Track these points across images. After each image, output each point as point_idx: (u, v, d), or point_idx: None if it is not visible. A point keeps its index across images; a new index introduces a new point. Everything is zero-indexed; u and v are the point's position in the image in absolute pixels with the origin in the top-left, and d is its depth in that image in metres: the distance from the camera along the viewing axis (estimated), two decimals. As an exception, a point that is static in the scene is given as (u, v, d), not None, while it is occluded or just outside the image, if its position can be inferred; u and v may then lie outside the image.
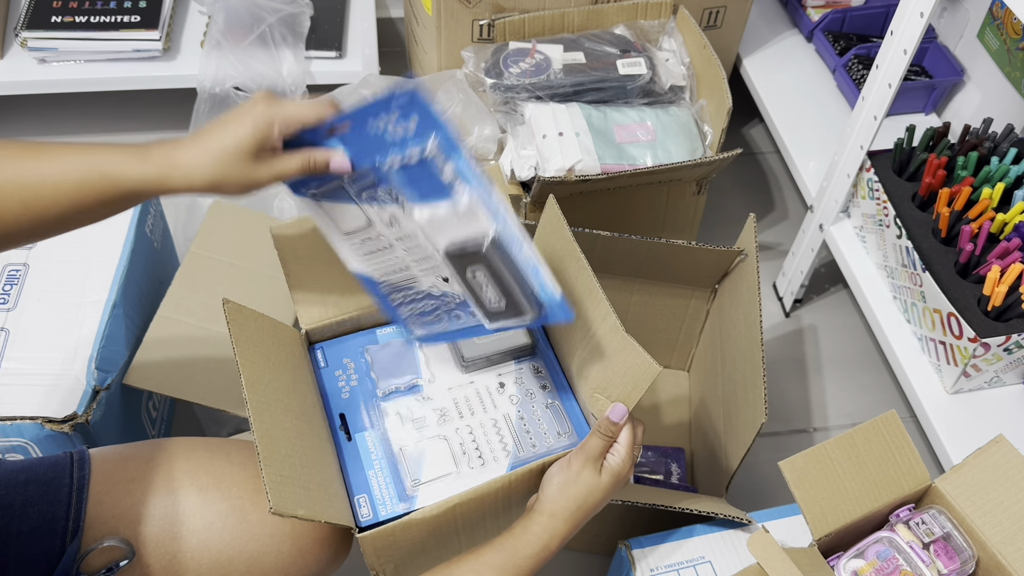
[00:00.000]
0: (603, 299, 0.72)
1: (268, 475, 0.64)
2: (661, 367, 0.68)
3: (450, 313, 0.72)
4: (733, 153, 1.12)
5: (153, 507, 0.70)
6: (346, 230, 0.73)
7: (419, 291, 0.73)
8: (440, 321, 0.72)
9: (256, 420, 0.67)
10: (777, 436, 1.27)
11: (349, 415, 0.79)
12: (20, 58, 1.38)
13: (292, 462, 0.68)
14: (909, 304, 1.11)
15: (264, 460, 0.65)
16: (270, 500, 0.62)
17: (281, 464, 0.67)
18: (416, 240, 0.70)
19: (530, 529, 0.69)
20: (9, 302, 0.97)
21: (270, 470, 0.65)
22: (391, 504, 0.73)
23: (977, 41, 1.33)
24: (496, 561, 0.67)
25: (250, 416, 0.67)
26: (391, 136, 0.65)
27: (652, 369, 0.68)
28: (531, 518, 0.70)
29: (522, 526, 0.69)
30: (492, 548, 0.68)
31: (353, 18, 1.48)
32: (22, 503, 0.68)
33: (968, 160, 1.12)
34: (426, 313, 0.73)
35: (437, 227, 0.67)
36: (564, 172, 1.13)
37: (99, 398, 0.92)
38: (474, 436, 0.78)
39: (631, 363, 0.70)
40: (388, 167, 0.66)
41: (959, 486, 0.77)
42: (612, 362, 0.72)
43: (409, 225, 0.69)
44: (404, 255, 0.71)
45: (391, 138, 0.65)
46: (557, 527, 0.69)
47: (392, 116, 0.64)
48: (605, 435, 0.71)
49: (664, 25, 1.30)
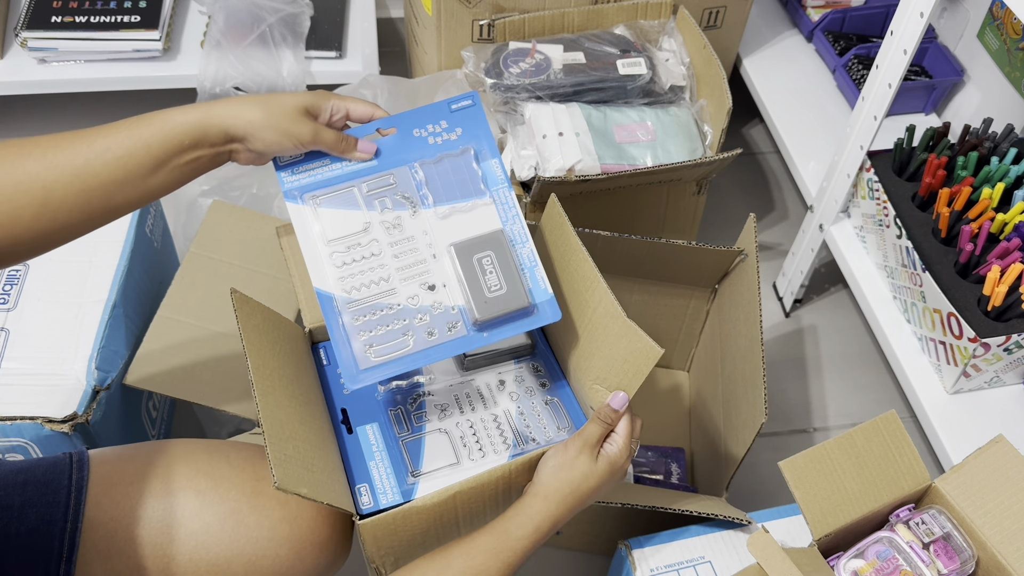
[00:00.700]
0: (605, 289, 0.72)
1: (273, 453, 0.64)
2: (662, 349, 0.68)
3: (422, 330, 0.72)
4: (733, 153, 1.12)
5: (151, 509, 0.70)
6: (332, 236, 0.73)
7: (390, 306, 0.72)
8: (404, 345, 0.71)
9: (262, 400, 0.68)
10: (777, 436, 1.27)
11: (351, 410, 0.79)
12: (20, 58, 1.38)
13: (296, 444, 0.68)
14: (909, 304, 1.11)
15: (269, 439, 0.65)
16: (275, 475, 0.63)
17: (286, 444, 0.67)
18: (414, 243, 0.73)
19: (522, 511, 0.69)
20: (9, 302, 0.97)
21: (275, 448, 0.65)
22: (392, 493, 0.73)
23: (977, 41, 1.33)
24: (488, 543, 0.67)
25: (256, 396, 0.67)
26: (434, 140, 0.75)
27: (654, 352, 0.68)
28: (524, 500, 0.70)
29: (515, 509, 0.70)
30: (485, 531, 0.68)
31: (353, 18, 1.48)
32: (20, 504, 0.68)
33: (968, 160, 1.12)
34: (391, 335, 0.71)
35: (451, 225, 0.74)
36: (564, 172, 1.13)
37: (99, 398, 0.92)
38: (475, 430, 0.78)
39: (632, 348, 0.70)
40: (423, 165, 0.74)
41: (959, 486, 0.77)
42: (613, 349, 0.72)
43: (412, 228, 0.74)
44: (390, 262, 0.73)
45: (433, 141, 0.75)
46: (550, 509, 0.69)
47: (440, 124, 0.75)
48: (604, 422, 0.71)
49: (664, 25, 1.30)
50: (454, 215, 0.74)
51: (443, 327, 0.72)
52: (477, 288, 0.72)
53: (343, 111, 0.73)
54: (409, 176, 0.74)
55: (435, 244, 0.74)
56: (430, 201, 0.74)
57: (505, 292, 0.72)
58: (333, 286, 0.72)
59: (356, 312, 0.72)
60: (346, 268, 0.73)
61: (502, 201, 0.75)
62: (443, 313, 0.72)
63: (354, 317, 0.71)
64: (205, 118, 0.66)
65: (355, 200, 0.74)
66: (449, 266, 0.73)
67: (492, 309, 0.71)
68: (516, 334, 0.73)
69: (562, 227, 0.78)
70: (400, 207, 0.74)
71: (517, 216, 0.75)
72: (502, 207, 0.75)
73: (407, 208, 0.74)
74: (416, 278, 0.73)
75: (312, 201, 0.74)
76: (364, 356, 0.71)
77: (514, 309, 0.72)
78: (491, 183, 0.75)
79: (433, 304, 0.73)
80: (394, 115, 0.75)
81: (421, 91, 1.26)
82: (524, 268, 0.73)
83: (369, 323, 0.71)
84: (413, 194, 0.74)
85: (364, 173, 0.74)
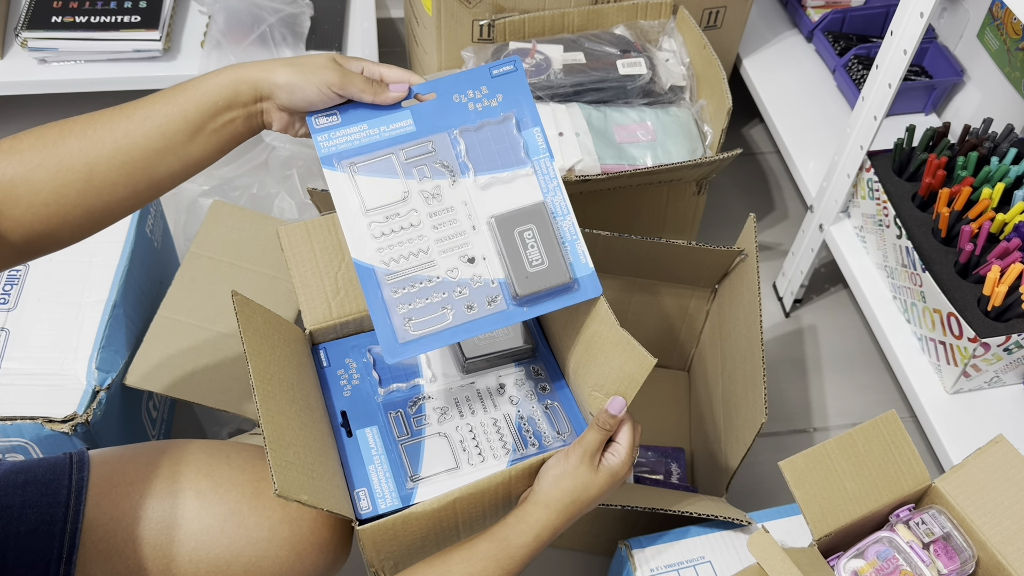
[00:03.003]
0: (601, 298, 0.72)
1: (274, 459, 0.65)
2: (655, 360, 0.68)
3: (461, 303, 0.71)
4: (733, 153, 1.12)
5: (151, 510, 0.70)
6: (371, 206, 0.71)
7: (429, 279, 0.70)
8: (443, 319, 0.70)
9: (263, 406, 0.68)
10: (777, 436, 1.27)
11: (350, 412, 0.79)
12: (20, 58, 1.38)
13: (296, 450, 0.68)
14: (909, 304, 1.11)
15: (270, 445, 0.65)
16: (275, 483, 0.63)
17: (286, 451, 0.67)
18: (453, 214, 0.72)
19: (523, 519, 0.69)
20: (9, 302, 0.97)
21: (276, 454, 0.65)
22: (390, 498, 0.73)
23: (977, 41, 1.33)
24: (488, 550, 0.67)
25: (257, 402, 0.68)
26: (474, 107, 0.72)
27: (647, 362, 0.68)
28: (525, 508, 0.70)
29: (515, 516, 0.70)
30: (485, 537, 0.68)
31: (353, 18, 1.48)
32: (20, 504, 0.68)
33: (968, 160, 1.12)
34: (430, 308, 0.70)
35: (491, 196, 0.72)
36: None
37: (99, 398, 0.92)
38: (474, 434, 0.78)
39: (626, 357, 0.70)
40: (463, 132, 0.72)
41: (959, 486, 0.77)
42: (609, 357, 0.72)
43: (452, 198, 0.72)
44: (430, 233, 0.71)
45: (474, 107, 0.72)
46: (550, 518, 0.69)
47: (481, 90, 0.72)
48: (603, 428, 0.71)
49: (664, 25, 1.30)
50: (495, 185, 0.72)
51: (483, 301, 0.71)
52: (518, 262, 0.71)
53: (377, 73, 0.71)
54: (449, 144, 0.72)
55: (475, 215, 0.72)
56: (470, 170, 0.72)
57: (547, 267, 0.70)
58: (372, 257, 0.70)
59: (395, 284, 0.70)
60: (384, 239, 0.71)
61: (543, 171, 0.73)
62: (483, 287, 0.71)
63: (393, 290, 0.70)
64: (235, 77, 0.67)
65: (393, 168, 0.72)
66: (489, 238, 0.72)
67: (534, 284, 0.70)
68: (557, 308, 0.72)
69: None
70: (439, 176, 0.72)
71: (559, 187, 0.73)
72: (543, 177, 0.73)
73: (447, 177, 0.72)
74: (456, 250, 0.71)
75: (350, 168, 0.71)
76: (404, 330, 0.69)
77: (556, 284, 0.71)
78: (532, 152, 0.73)
79: (473, 277, 0.71)
80: (433, 79, 0.73)
81: (421, 91, 1.26)
82: (565, 242, 0.72)
83: (408, 295, 0.70)
84: (453, 163, 0.72)
85: (403, 139, 0.72)
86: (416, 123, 0.72)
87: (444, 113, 0.72)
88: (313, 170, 1.34)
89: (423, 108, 0.72)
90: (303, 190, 1.32)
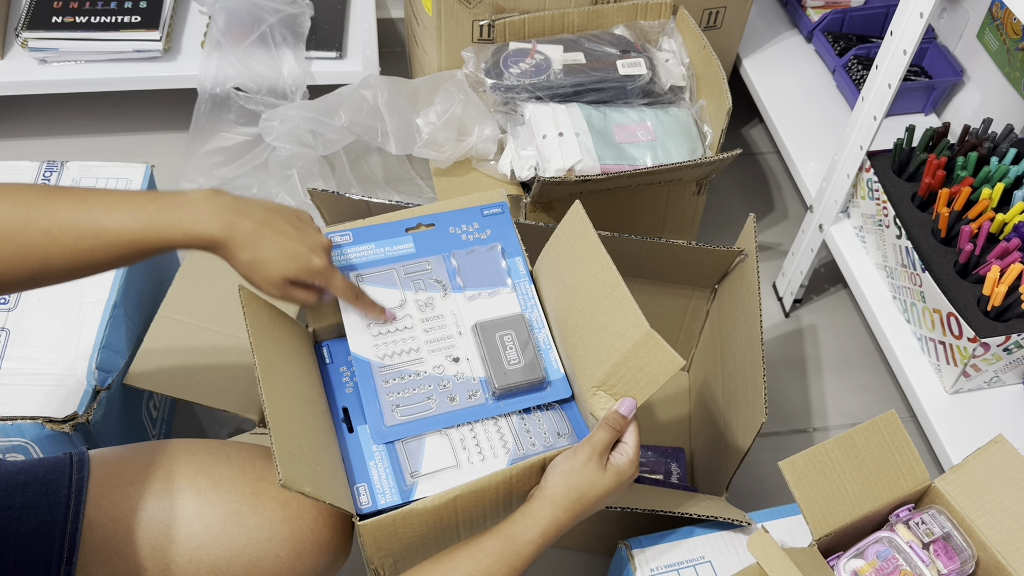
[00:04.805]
0: (630, 299, 0.72)
1: (278, 449, 0.65)
2: (684, 360, 0.69)
3: (444, 395, 0.78)
4: (733, 153, 1.12)
5: (151, 510, 0.70)
6: None
7: (417, 373, 0.79)
8: (427, 408, 0.77)
9: (268, 397, 0.69)
10: (777, 436, 1.27)
11: (352, 409, 0.79)
12: (21, 58, 1.38)
13: (300, 442, 0.69)
14: (909, 304, 1.11)
15: (275, 435, 0.66)
16: (280, 472, 0.63)
17: (290, 441, 0.68)
18: (442, 321, 0.82)
19: (529, 516, 0.69)
20: (10, 302, 0.97)
21: (280, 445, 0.66)
22: (390, 493, 0.74)
23: (977, 41, 1.33)
24: (495, 547, 0.67)
25: (262, 393, 0.68)
26: (466, 237, 0.86)
27: (675, 363, 0.69)
28: (531, 505, 0.70)
29: (521, 513, 0.69)
30: (491, 535, 0.68)
31: (353, 18, 1.48)
32: (21, 504, 0.68)
33: (968, 160, 1.12)
34: (416, 398, 0.78)
35: (476, 307, 0.83)
36: (564, 172, 1.14)
37: (100, 398, 0.92)
38: (474, 433, 0.78)
39: (652, 358, 0.70)
40: (455, 255, 0.85)
41: (959, 486, 0.77)
42: (629, 357, 0.72)
43: (442, 308, 0.83)
44: (421, 335, 0.81)
45: (466, 238, 0.86)
46: (557, 515, 0.69)
47: (473, 225, 0.87)
48: (613, 428, 0.71)
49: (664, 25, 1.30)
50: (480, 299, 0.84)
51: (464, 394, 0.79)
52: (498, 360, 0.79)
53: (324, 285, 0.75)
54: (443, 264, 0.85)
55: (461, 323, 0.82)
56: (460, 286, 0.84)
57: (523, 366, 0.79)
58: (369, 352, 0.80)
59: (386, 375, 0.79)
60: (380, 337, 0.81)
61: (523, 291, 0.85)
62: (465, 383, 0.79)
63: (384, 380, 0.79)
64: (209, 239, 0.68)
65: (394, 280, 0.84)
66: (473, 342, 0.81)
67: (511, 379, 0.78)
68: (531, 405, 0.79)
69: (585, 233, 0.78)
70: (433, 289, 0.84)
71: (536, 304, 0.84)
72: (522, 296, 0.84)
73: (439, 291, 0.84)
74: (443, 351, 0.81)
75: (356, 279, 0.83)
76: (391, 415, 0.77)
77: (530, 381, 0.78)
78: (515, 276, 0.85)
79: (456, 374, 0.80)
80: (433, 213, 0.86)
81: (421, 91, 1.26)
82: (540, 350, 0.81)
83: (397, 386, 0.79)
84: (445, 279, 0.84)
85: (404, 258, 0.85)
86: (416, 246, 0.85)
87: (441, 240, 0.86)
88: (313, 170, 1.34)
89: (423, 235, 0.86)
90: (303, 190, 1.33)
